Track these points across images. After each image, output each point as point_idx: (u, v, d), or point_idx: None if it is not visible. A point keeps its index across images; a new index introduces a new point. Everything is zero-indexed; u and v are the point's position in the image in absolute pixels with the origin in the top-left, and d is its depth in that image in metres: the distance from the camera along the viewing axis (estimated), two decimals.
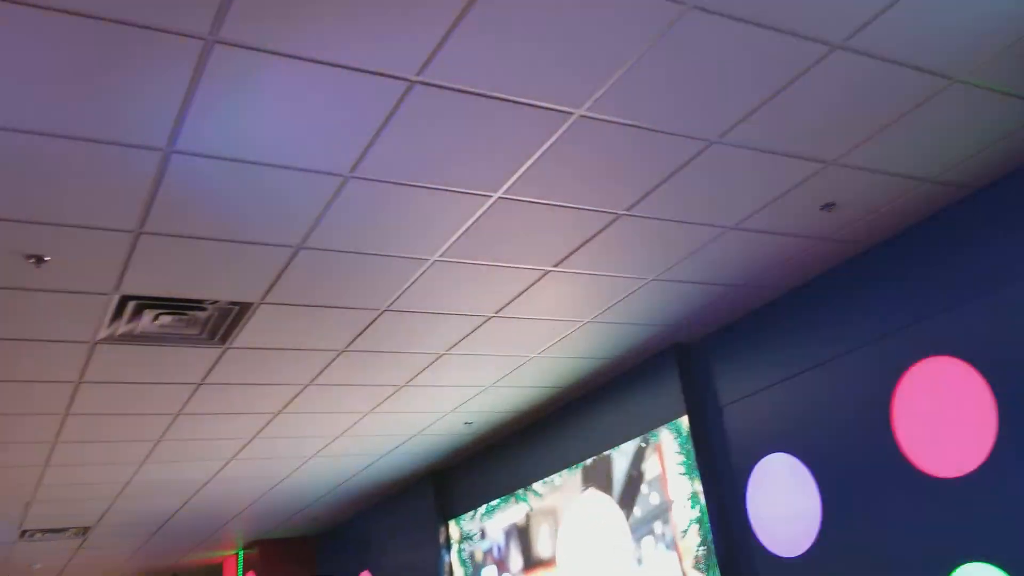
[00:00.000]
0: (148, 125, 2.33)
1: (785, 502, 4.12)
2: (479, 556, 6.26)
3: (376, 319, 3.80)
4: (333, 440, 5.49)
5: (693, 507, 4.48)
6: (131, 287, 3.19)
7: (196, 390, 4.28)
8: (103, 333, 3.51)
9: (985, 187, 3.38)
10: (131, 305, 3.32)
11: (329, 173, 2.67)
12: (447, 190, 2.87)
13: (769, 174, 3.06)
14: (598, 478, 5.17)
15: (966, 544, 3.34)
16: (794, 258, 3.81)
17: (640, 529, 4.82)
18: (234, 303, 3.45)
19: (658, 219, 3.27)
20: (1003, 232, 3.32)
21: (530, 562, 5.72)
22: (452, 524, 6.60)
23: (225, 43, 2.07)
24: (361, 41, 2.14)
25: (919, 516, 3.52)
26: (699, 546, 4.41)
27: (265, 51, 2.12)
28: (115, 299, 3.26)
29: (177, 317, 3.48)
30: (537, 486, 5.70)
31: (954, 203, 3.48)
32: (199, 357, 3.90)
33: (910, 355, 3.61)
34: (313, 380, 4.43)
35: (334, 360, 4.19)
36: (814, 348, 4.05)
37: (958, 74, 2.66)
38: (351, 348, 4.07)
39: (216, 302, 3.41)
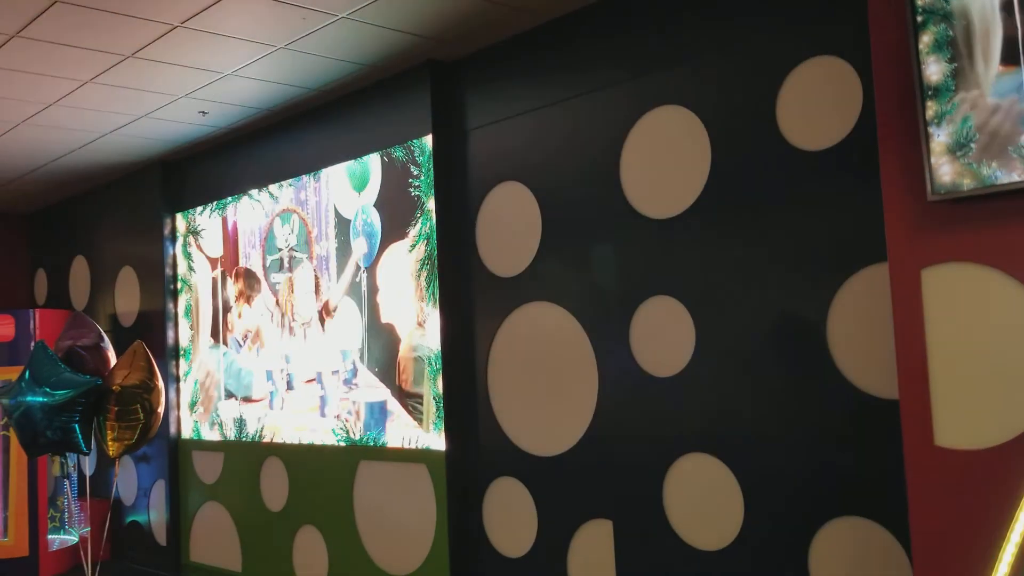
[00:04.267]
0: None
1: (511, 227, 4.29)
2: (205, 250, 6.11)
3: None
4: (45, 108, 4.94)
5: (424, 224, 4.56)
6: None
7: None
8: None
9: None
10: None
11: None
12: None
13: None
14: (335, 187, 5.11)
15: (659, 280, 3.67)
16: None
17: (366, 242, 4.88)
18: None
19: None
20: None
21: (253, 262, 5.67)
22: (179, 217, 6.34)
23: None
24: None
25: (628, 251, 3.80)
26: (424, 262, 4.54)
27: None
28: None
29: None
30: (273, 188, 5.54)
31: None
32: None
33: (646, 101, 3.73)
34: (20, 32, 3.87)
35: (47, 10, 3.66)
36: (563, 83, 4.08)
37: None
38: None
39: None
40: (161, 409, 4.99)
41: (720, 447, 3.46)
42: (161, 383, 5.05)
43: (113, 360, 5.17)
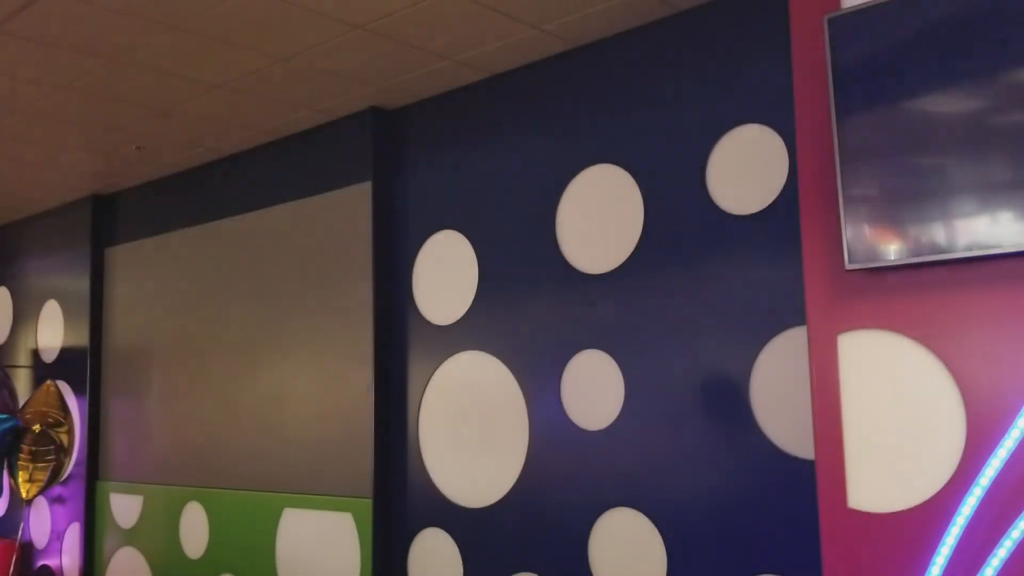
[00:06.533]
0: None
1: (447, 275, 4.30)
2: (139, 285, 5.99)
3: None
4: None
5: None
6: None
7: None
8: None
9: (691, 9, 3.52)
10: None
11: None
12: None
13: None
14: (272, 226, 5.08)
15: (591, 334, 3.71)
16: (503, 41, 3.79)
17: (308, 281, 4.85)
18: None
19: None
20: (694, 58, 3.51)
21: (189, 292, 5.58)
22: (109, 252, 6.22)
23: None
24: None
25: (562, 304, 3.83)
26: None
27: None
28: None
29: None
30: (211, 224, 5.48)
31: (657, 21, 3.60)
32: None
33: (583, 159, 3.81)
34: None
35: None
36: (504, 137, 4.14)
37: None
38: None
39: None
40: (75, 448, 4.85)
41: (644, 502, 3.48)
42: (75, 420, 4.90)
43: (18, 400, 5.02)
